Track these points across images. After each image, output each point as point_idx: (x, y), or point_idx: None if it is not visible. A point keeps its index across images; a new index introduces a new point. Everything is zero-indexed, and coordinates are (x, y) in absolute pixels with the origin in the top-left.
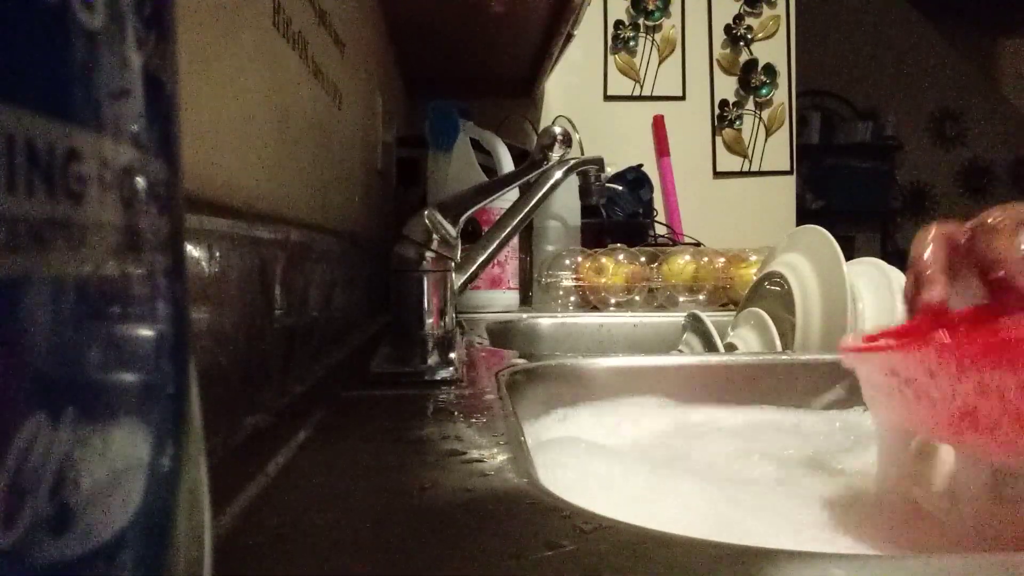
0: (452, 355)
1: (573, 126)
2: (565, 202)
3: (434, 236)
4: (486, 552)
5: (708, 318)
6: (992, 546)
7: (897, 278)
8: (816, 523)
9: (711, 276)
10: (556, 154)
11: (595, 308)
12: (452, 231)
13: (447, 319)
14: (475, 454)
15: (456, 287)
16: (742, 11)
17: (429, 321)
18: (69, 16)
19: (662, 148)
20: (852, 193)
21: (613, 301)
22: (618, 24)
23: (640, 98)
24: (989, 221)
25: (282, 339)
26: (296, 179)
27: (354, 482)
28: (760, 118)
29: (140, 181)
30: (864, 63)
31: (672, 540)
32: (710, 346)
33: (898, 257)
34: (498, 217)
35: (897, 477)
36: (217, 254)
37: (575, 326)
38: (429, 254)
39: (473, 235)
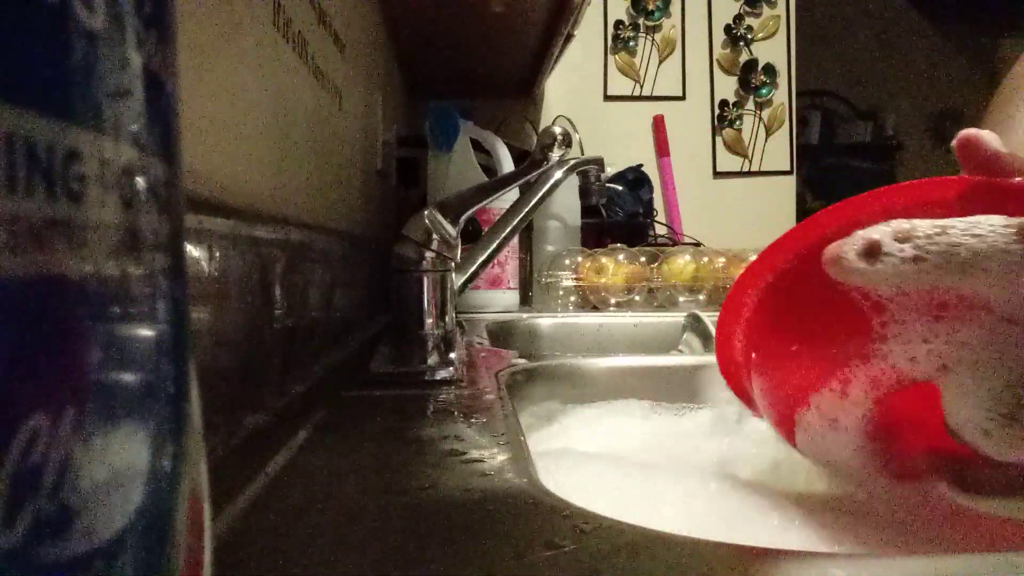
0: (452, 355)
1: (573, 126)
2: (565, 202)
3: (434, 236)
4: (486, 552)
5: (708, 318)
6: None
7: None
8: (815, 523)
9: (711, 276)
10: (556, 154)
11: (595, 308)
12: (452, 231)
13: (447, 319)
14: (475, 454)
15: (456, 287)
16: (742, 11)
17: (429, 321)
18: (69, 16)
19: (662, 148)
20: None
21: (613, 301)
22: (618, 24)
23: (640, 98)
24: None
25: (282, 339)
26: (296, 179)
27: (354, 482)
28: (760, 118)
29: (140, 181)
30: (864, 63)
31: (672, 540)
32: (710, 346)
33: None
34: (498, 217)
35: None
36: (217, 254)
37: (575, 326)
38: (429, 254)
39: (473, 235)
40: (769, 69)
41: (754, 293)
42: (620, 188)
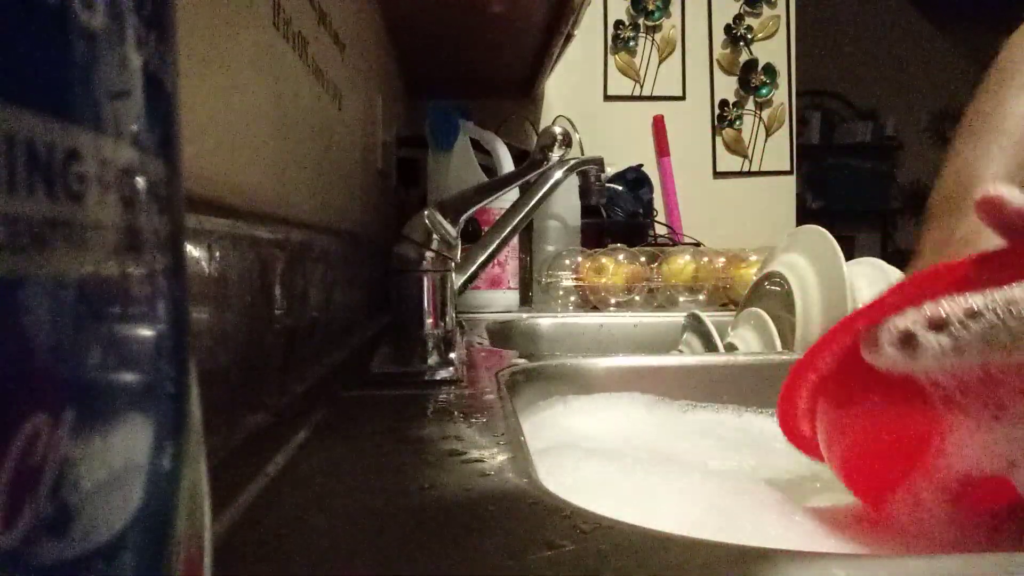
0: (452, 355)
1: (573, 126)
2: (565, 202)
3: (434, 236)
4: (486, 552)
5: (708, 318)
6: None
7: (897, 278)
8: (815, 523)
9: (711, 276)
10: (556, 154)
11: (595, 308)
12: (452, 231)
13: (447, 319)
14: (475, 454)
15: (456, 287)
16: (742, 11)
17: (429, 321)
18: (69, 16)
19: (662, 148)
20: (852, 193)
21: (613, 301)
22: (618, 24)
23: (640, 98)
24: None
25: (282, 339)
26: (296, 179)
27: (354, 482)
28: (760, 118)
29: (140, 181)
30: (864, 63)
31: (672, 540)
32: (710, 346)
33: (898, 257)
34: (498, 217)
35: None
36: (217, 254)
37: (575, 326)
38: (429, 254)
39: (473, 235)
40: (769, 69)
41: (832, 358)
42: (620, 188)
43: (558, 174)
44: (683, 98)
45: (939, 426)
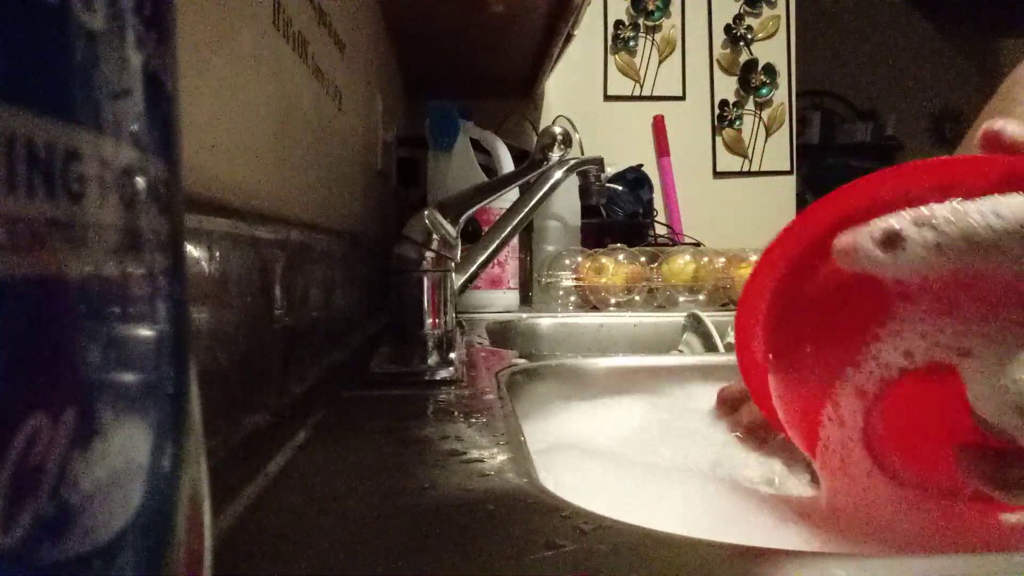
0: (452, 355)
1: (573, 126)
2: (565, 202)
3: (434, 236)
4: (486, 552)
5: (708, 318)
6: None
7: None
8: (815, 523)
9: (711, 276)
10: (556, 154)
11: (595, 308)
12: (452, 231)
13: (447, 319)
14: (475, 454)
15: (456, 287)
16: (742, 11)
17: (429, 321)
18: (69, 16)
19: (662, 148)
20: None
21: (613, 301)
22: (618, 24)
23: (640, 98)
24: None
25: (282, 339)
26: (296, 179)
27: (354, 482)
28: (760, 118)
29: (140, 181)
30: (864, 63)
31: (672, 540)
32: (710, 346)
33: None
34: (498, 217)
35: None
36: (217, 254)
37: (575, 326)
38: (429, 254)
39: (473, 235)
40: (769, 69)
41: (770, 285)
42: (620, 188)
43: (558, 174)
44: (683, 98)
45: (879, 315)
